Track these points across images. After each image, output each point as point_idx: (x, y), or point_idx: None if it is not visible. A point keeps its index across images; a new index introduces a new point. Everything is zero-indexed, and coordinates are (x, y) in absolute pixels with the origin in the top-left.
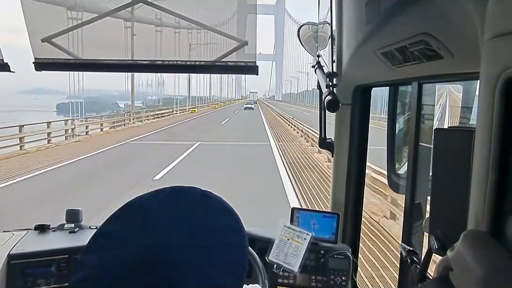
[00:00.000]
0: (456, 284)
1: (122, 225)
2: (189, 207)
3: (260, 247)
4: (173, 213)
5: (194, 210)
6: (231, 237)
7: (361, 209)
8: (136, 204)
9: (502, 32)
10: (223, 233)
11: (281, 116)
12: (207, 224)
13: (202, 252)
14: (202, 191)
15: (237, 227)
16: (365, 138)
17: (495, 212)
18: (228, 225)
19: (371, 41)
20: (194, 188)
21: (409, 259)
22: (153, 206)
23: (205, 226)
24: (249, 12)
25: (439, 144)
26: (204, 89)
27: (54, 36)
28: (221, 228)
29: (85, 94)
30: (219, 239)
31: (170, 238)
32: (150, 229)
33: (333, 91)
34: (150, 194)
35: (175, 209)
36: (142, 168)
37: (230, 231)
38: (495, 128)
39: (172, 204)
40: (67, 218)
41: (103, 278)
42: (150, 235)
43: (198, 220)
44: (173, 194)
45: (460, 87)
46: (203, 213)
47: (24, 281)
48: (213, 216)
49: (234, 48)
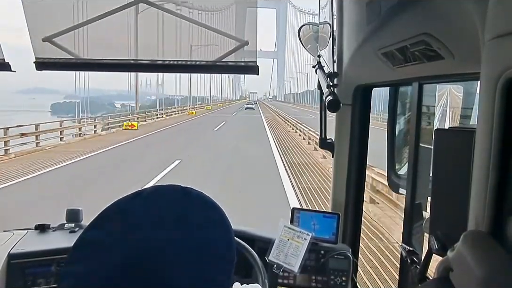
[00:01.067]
0: (456, 285)
1: (105, 231)
2: (171, 205)
3: (260, 247)
4: (155, 213)
5: (176, 208)
6: (216, 231)
7: (361, 210)
8: (118, 208)
9: (503, 32)
10: (207, 228)
11: (286, 120)
12: (191, 220)
13: (188, 249)
14: (183, 188)
15: (221, 220)
16: (365, 138)
17: (496, 212)
18: (212, 219)
19: (372, 41)
20: (175, 185)
21: (409, 260)
22: (134, 208)
23: (189, 223)
24: (249, 11)
25: (439, 144)
26: (205, 89)
27: (55, 35)
28: (205, 223)
29: (84, 94)
30: (204, 234)
31: (154, 238)
32: (134, 231)
33: (333, 91)
34: (131, 196)
35: (157, 209)
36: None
37: (214, 225)
38: (495, 129)
39: (154, 204)
40: (67, 218)
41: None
42: (134, 238)
43: (182, 217)
44: (154, 194)
45: (461, 87)
46: (185, 209)
47: (24, 280)
48: (196, 212)
49: (234, 48)
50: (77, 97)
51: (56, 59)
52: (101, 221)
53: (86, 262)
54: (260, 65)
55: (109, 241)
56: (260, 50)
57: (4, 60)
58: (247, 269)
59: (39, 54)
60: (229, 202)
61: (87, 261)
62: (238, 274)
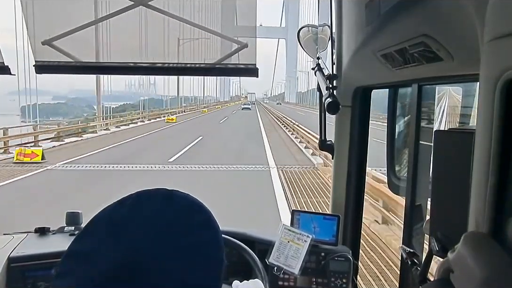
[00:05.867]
0: (457, 286)
1: (92, 242)
2: (157, 209)
3: (260, 250)
4: (142, 219)
5: (162, 212)
6: (203, 233)
7: (362, 211)
8: (104, 217)
9: (502, 33)
10: (194, 231)
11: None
12: (177, 224)
13: (176, 254)
14: (168, 191)
15: (209, 223)
16: (365, 140)
17: (496, 213)
18: (199, 222)
19: (371, 43)
20: (160, 189)
21: (410, 261)
22: (120, 216)
23: (175, 227)
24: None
25: (439, 146)
26: (199, 89)
27: (54, 38)
28: (192, 226)
29: (73, 95)
30: (191, 237)
31: (141, 246)
32: (120, 240)
33: (333, 93)
34: (117, 203)
35: (143, 214)
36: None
37: (201, 228)
38: (495, 130)
39: (139, 211)
40: (67, 221)
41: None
42: (121, 247)
43: (168, 221)
44: (139, 199)
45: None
46: (172, 213)
47: (24, 283)
48: (182, 215)
49: (234, 51)
50: (64, 97)
51: (56, 62)
52: (88, 232)
53: (74, 276)
54: (259, 50)
55: (96, 252)
56: (261, 25)
57: (4, 63)
58: (248, 271)
59: (39, 57)
60: None
61: (74, 276)
62: (238, 276)
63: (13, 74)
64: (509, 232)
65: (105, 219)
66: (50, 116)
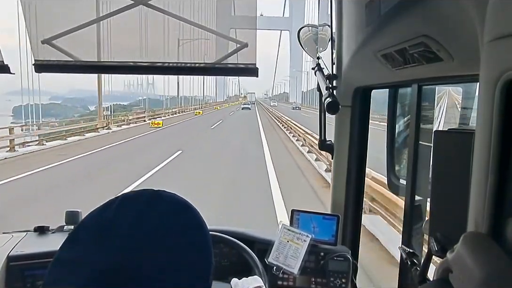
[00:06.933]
0: (456, 286)
1: (79, 248)
2: (143, 211)
3: (259, 249)
4: (128, 221)
5: (148, 214)
6: (191, 234)
7: (361, 211)
8: (89, 222)
9: (502, 34)
10: (182, 232)
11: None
12: (164, 225)
13: (164, 256)
14: (154, 191)
15: (196, 223)
16: (365, 140)
17: (495, 214)
18: (186, 222)
19: (371, 43)
20: (146, 190)
21: (409, 261)
22: (106, 219)
23: (162, 228)
24: (248, 13)
25: (439, 146)
26: (198, 89)
27: (54, 37)
28: (179, 227)
29: (73, 95)
30: (179, 238)
31: (128, 249)
32: (107, 245)
33: (333, 93)
34: (102, 207)
35: (129, 217)
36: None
37: (189, 229)
38: (494, 130)
39: (126, 213)
40: (67, 220)
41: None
42: (108, 252)
43: (154, 223)
44: (124, 202)
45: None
46: (158, 215)
47: (23, 282)
48: (169, 216)
49: (234, 50)
50: (61, 98)
51: (55, 61)
52: (75, 238)
53: (62, 284)
54: (260, 49)
55: (84, 259)
56: (261, 15)
57: (3, 62)
58: (247, 271)
59: (39, 57)
60: None
61: (62, 283)
62: (238, 275)
63: (12, 73)
64: (508, 232)
65: (90, 224)
66: (43, 117)
